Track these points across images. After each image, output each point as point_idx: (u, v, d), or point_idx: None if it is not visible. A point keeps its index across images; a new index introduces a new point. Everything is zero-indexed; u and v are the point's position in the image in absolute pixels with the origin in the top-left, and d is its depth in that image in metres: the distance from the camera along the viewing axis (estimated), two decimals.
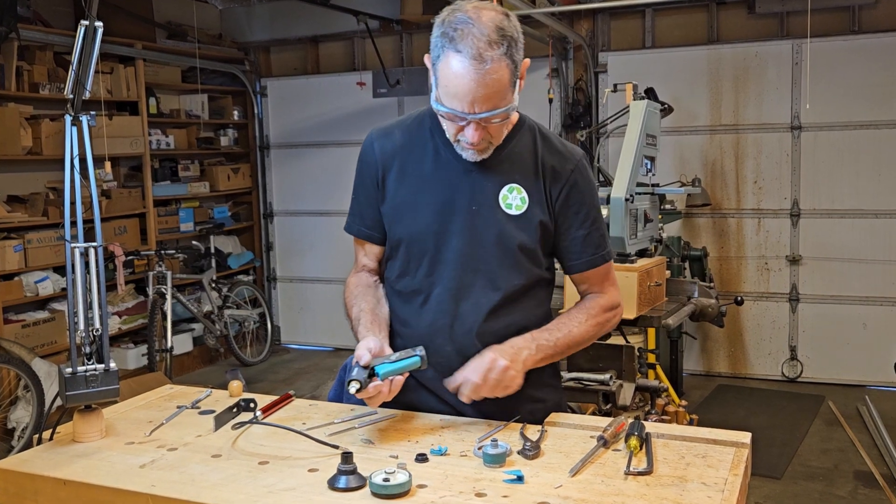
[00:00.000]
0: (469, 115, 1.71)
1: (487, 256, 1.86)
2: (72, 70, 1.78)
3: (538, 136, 1.94)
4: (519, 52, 1.72)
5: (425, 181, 1.89)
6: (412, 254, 1.91)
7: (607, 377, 3.27)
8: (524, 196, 1.87)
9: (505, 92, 1.70)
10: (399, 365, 1.71)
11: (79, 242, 1.76)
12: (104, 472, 1.59)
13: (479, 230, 1.86)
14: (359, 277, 2.03)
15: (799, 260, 6.28)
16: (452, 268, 1.87)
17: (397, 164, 1.92)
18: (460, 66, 1.65)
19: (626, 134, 4.01)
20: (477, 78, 1.65)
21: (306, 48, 7.70)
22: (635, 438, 1.60)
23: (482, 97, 1.68)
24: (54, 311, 5.82)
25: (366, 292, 1.98)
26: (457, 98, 1.69)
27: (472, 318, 1.87)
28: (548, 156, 1.91)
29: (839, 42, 5.97)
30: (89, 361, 1.74)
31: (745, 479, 1.56)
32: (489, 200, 1.86)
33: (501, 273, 1.87)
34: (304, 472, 1.56)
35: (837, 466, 4.64)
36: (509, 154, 1.89)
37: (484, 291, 1.87)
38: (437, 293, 1.88)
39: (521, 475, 1.50)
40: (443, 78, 1.70)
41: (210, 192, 7.48)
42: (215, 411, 1.88)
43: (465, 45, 1.65)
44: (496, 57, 1.65)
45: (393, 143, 1.94)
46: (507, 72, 1.68)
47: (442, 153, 1.88)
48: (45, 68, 5.91)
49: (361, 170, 1.98)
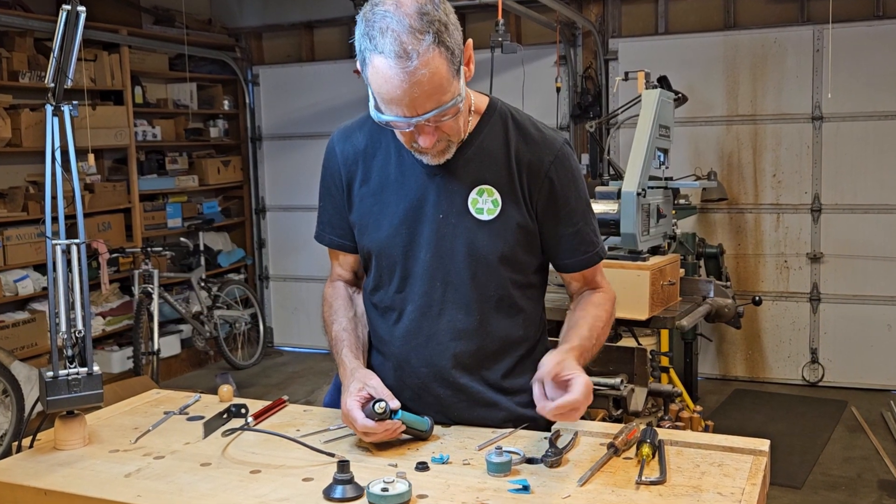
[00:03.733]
0: (412, 119, 1.59)
1: (458, 269, 1.79)
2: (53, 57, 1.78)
3: (511, 124, 1.81)
4: (452, 35, 1.57)
5: (390, 187, 1.82)
6: (382, 267, 1.86)
7: (618, 381, 3.27)
8: (496, 198, 1.77)
9: (445, 85, 1.57)
10: (415, 418, 1.72)
11: (60, 239, 1.76)
12: (87, 481, 1.59)
13: (448, 241, 1.78)
14: (335, 289, 1.99)
15: (820, 257, 6.27)
16: (422, 283, 1.81)
17: (361, 169, 1.86)
18: (386, 68, 1.53)
19: (638, 125, 4.01)
20: (406, 78, 1.53)
21: (300, 34, 7.70)
22: (648, 446, 1.60)
23: (420, 97, 1.56)
24: (35, 312, 5.83)
25: (345, 307, 1.94)
26: (393, 104, 1.58)
27: (446, 339, 1.81)
28: (523, 147, 1.79)
29: (863, 28, 5.96)
30: (71, 365, 1.74)
31: (764, 488, 1.56)
32: (457, 206, 1.78)
33: (475, 287, 1.80)
34: (298, 482, 1.56)
35: (861, 475, 4.64)
36: (478, 151, 1.79)
37: (457, 308, 1.81)
38: (409, 311, 1.84)
39: (526, 485, 1.50)
40: (373, 84, 1.58)
41: (199, 186, 7.48)
42: (204, 417, 1.88)
43: (385, 42, 1.52)
44: (423, 49, 1.52)
45: (355, 147, 1.88)
46: (441, 62, 1.55)
47: (405, 156, 1.80)
48: (25, 55, 5.91)
49: (326, 176, 1.93)
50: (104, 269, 5.91)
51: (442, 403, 1.85)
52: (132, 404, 2.06)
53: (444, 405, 1.85)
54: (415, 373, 1.85)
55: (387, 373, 1.87)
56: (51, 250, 1.75)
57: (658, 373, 4.11)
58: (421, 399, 1.86)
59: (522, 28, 6.96)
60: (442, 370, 1.83)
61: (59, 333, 1.75)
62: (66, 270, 1.76)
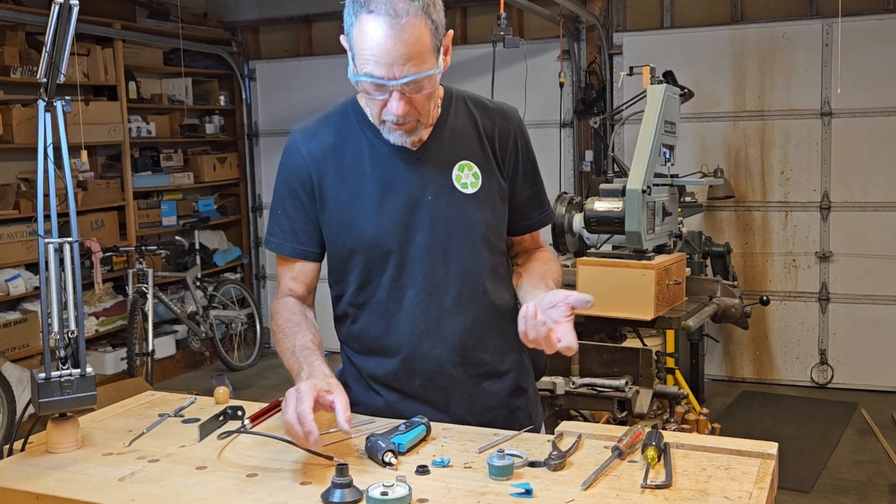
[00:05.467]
0: (390, 81, 1.68)
1: (457, 245, 1.87)
2: (45, 52, 1.78)
3: (469, 103, 1.95)
4: (438, 11, 1.70)
5: (367, 180, 1.86)
6: (372, 260, 1.87)
7: (622, 383, 3.28)
8: (476, 171, 1.90)
9: (426, 54, 1.68)
10: (413, 434, 1.72)
11: (53, 238, 1.76)
12: (80, 485, 1.59)
13: (443, 219, 1.86)
14: (286, 304, 1.94)
15: (829, 256, 6.27)
16: (422, 265, 1.86)
17: (332, 166, 1.87)
18: (375, 26, 1.64)
19: (643, 121, 4.00)
20: (394, 35, 1.64)
21: (298, 28, 7.70)
22: (653, 449, 1.60)
23: (402, 56, 1.65)
24: (26, 312, 5.83)
25: (307, 326, 1.89)
26: (374, 61, 1.67)
27: (458, 312, 1.88)
28: (487, 121, 1.93)
29: (873, 21, 5.96)
30: (64, 366, 1.74)
31: (772, 493, 1.56)
32: (444, 185, 1.87)
33: (475, 259, 1.89)
34: (295, 486, 1.56)
35: (871, 479, 4.64)
36: (450, 130, 1.90)
37: (462, 283, 1.88)
38: (412, 296, 1.87)
39: (529, 488, 1.50)
40: (358, 44, 1.68)
41: (194, 183, 7.49)
42: (200, 420, 1.87)
43: (377, 3, 1.64)
44: (413, 11, 1.64)
45: (322, 145, 1.89)
46: (426, 31, 1.67)
47: (377, 147, 1.86)
48: (17, 49, 5.92)
49: (289, 179, 1.91)
50: (97, 269, 5.92)
51: (454, 383, 1.90)
52: (126, 406, 2.06)
53: (456, 384, 1.90)
54: (427, 356, 1.87)
55: (390, 369, 1.90)
56: (43, 249, 1.75)
57: (663, 374, 4.12)
58: (432, 382, 1.89)
59: (525, 22, 6.96)
60: (456, 346, 1.88)
61: (52, 334, 1.75)
62: (58, 269, 1.76)
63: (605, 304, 3.57)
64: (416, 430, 1.73)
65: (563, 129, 6.83)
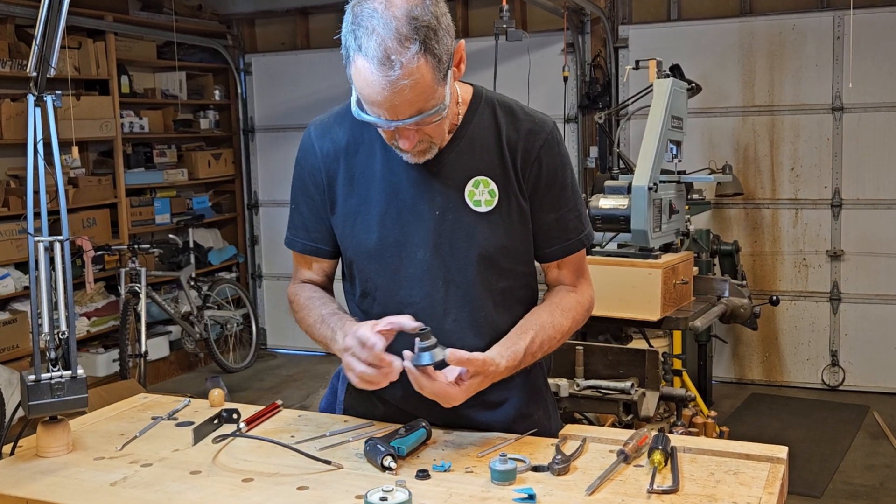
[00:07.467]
0: (393, 122, 1.62)
1: (461, 266, 1.80)
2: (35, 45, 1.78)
3: (499, 111, 1.83)
4: (441, 40, 1.58)
5: (377, 185, 1.81)
6: (371, 272, 1.85)
7: (628, 385, 3.27)
8: (493, 188, 1.79)
9: (429, 93, 1.59)
10: (413, 438, 1.72)
11: (43, 236, 1.76)
12: (71, 490, 1.59)
13: (447, 237, 1.79)
14: (304, 286, 1.95)
15: (841, 255, 6.27)
16: (422, 285, 1.81)
17: (343, 166, 1.85)
18: (368, 72, 1.56)
19: (650, 116, 4.01)
20: (388, 86, 1.55)
21: (295, 21, 7.69)
22: (659, 453, 1.60)
23: (401, 105, 1.58)
24: (16, 312, 5.83)
25: (329, 299, 1.91)
26: (374, 106, 1.61)
27: (454, 339, 1.74)
28: (513, 133, 1.81)
29: (886, 14, 5.95)
30: (54, 368, 1.75)
31: (782, 497, 1.56)
32: (454, 201, 1.79)
33: (480, 282, 1.81)
34: (292, 490, 1.56)
35: (883, 484, 4.64)
36: (469, 142, 1.80)
37: (462, 306, 1.81)
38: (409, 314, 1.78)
39: (532, 494, 1.50)
40: (356, 82, 1.61)
41: (188, 180, 7.49)
42: (194, 423, 1.88)
43: (370, 45, 1.54)
44: (408, 59, 1.53)
45: (335, 143, 1.86)
46: (426, 71, 1.56)
47: (390, 150, 1.78)
48: (6, 43, 5.92)
49: (302, 175, 1.91)
50: (89, 268, 5.91)
51: (452, 409, 1.81)
52: (118, 409, 2.06)
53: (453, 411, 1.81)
54: None
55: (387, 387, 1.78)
56: (33, 247, 1.75)
57: (670, 376, 4.12)
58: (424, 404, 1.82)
59: (528, 14, 6.96)
60: None
61: (42, 335, 1.75)
62: (48, 269, 1.77)
63: (610, 305, 3.57)
64: (417, 433, 1.73)
65: (567, 125, 6.83)
